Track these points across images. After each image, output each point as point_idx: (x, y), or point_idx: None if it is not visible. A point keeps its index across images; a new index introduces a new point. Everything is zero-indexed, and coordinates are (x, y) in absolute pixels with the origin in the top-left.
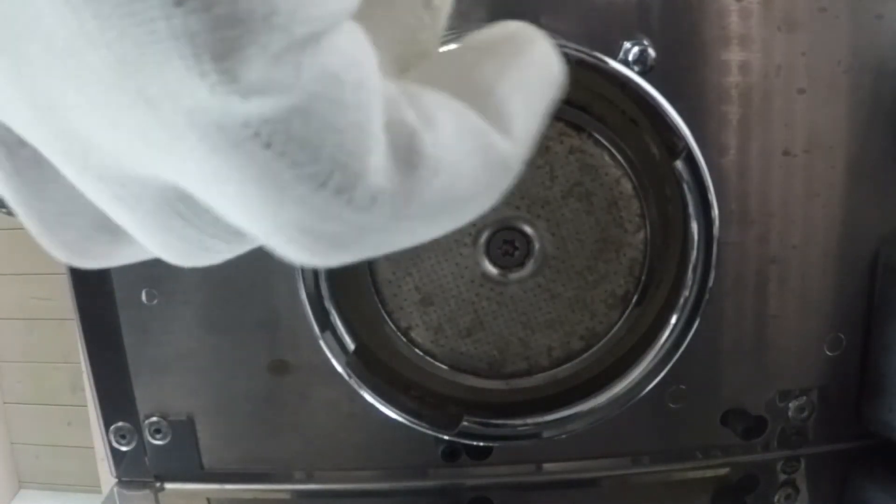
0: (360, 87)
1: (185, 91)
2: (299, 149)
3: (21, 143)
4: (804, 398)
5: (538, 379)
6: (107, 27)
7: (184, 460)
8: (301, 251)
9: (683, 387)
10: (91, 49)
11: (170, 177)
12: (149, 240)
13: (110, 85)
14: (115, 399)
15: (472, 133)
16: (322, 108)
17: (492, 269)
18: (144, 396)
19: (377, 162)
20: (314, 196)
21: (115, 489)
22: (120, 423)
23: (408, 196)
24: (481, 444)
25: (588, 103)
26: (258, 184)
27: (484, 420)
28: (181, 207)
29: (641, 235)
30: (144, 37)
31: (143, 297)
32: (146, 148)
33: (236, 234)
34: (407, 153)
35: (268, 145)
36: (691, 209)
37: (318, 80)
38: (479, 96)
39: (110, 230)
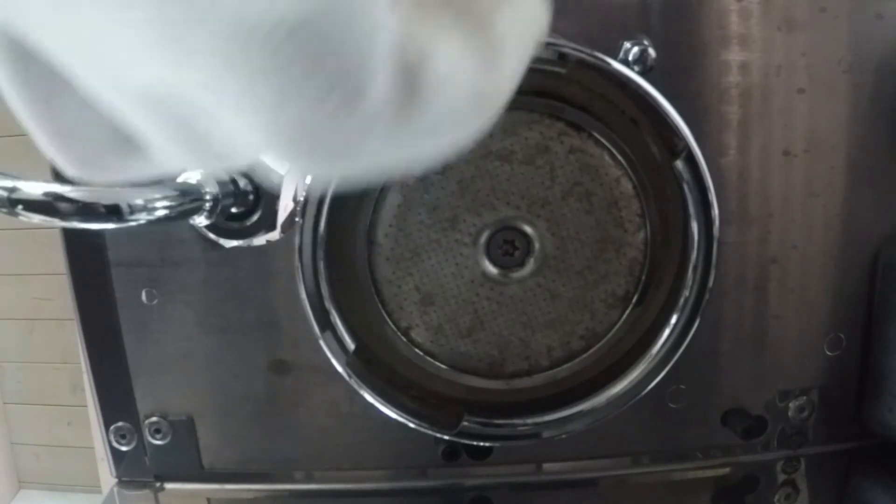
0: (368, 14)
1: None
2: (311, 56)
3: (34, 54)
4: (804, 398)
5: (538, 379)
6: None
7: (184, 460)
8: (300, 154)
9: (683, 387)
10: None
11: (172, 84)
12: (170, 147)
13: None
14: (115, 399)
15: (470, 65)
16: (332, 24)
17: (492, 269)
18: (144, 396)
19: (381, 84)
20: (320, 101)
21: (115, 489)
22: (120, 423)
23: (405, 118)
24: (481, 444)
25: (588, 103)
26: (266, 82)
27: (484, 420)
28: (193, 121)
29: (641, 235)
30: None
31: (143, 297)
32: (154, 48)
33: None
34: (410, 79)
35: (279, 47)
36: (691, 209)
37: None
38: (480, 28)
39: (121, 143)
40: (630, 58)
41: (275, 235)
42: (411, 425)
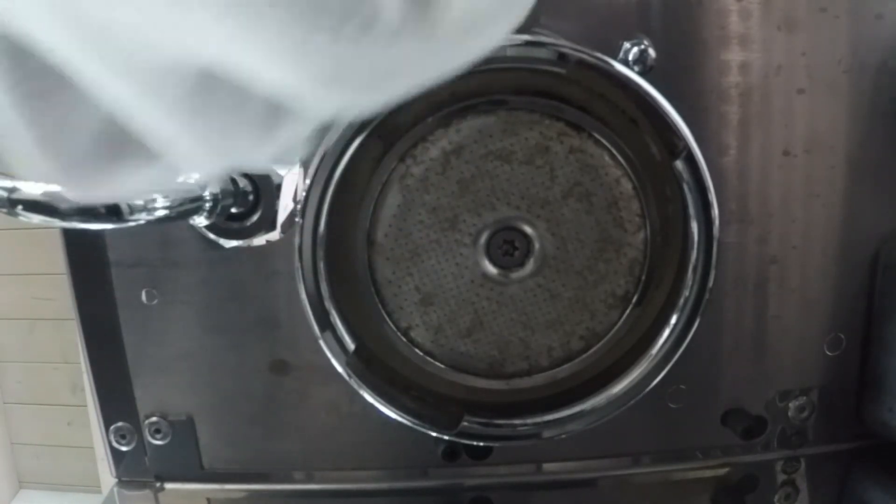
0: None
1: None
2: (313, 1)
3: (29, 53)
4: (804, 398)
5: (538, 379)
6: None
7: (184, 460)
8: (335, 89)
9: (683, 387)
10: None
11: (205, 53)
12: (182, 128)
13: None
14: (115, 399)
15: None
16: None
17: (492, 269)
18: (144, 396)
19: None
20: (338, 40)
21: (115, 489)
22: (120, 423)
23: (428, 24)
24: (481, 444)
25: (588, 103)
26: (284, 39)
27: (484, 420)
28: (216, 89)
29: (641, 235)
30: None
31: (143, 297)
32: (179, 26)
33: (268, 115)
34: None
35: (284, 5)
36: (691, 209)
37: None
38: None
39: (111, 146)
40: (630, 58)
41: (275, 235)
42: (411, 425)
